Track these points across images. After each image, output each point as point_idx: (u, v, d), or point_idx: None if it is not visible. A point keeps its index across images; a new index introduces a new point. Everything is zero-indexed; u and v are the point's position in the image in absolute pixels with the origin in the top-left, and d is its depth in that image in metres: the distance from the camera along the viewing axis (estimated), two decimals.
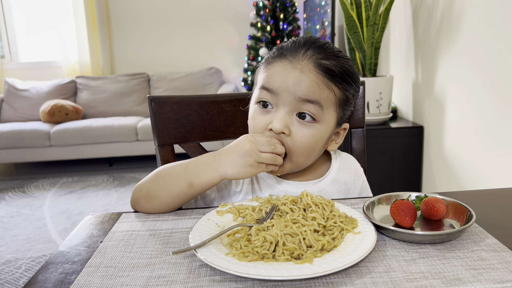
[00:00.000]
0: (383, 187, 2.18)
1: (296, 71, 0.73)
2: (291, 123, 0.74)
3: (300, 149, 0.75)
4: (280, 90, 0.73)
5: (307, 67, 0.73)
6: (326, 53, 0.75)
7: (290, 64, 0.74)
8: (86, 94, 4.18)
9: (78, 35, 4.28)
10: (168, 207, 0.74)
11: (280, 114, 0.73)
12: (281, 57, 0.76)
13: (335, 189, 0.85)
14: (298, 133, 0.74)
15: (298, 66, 0.73)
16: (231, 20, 4.35)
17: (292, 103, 0.73)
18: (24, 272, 2.04)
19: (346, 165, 0.89)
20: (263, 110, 0.76)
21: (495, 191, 0.82)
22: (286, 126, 0.73)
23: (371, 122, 2.20)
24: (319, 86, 0.73)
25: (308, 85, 0.72)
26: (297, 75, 0.73)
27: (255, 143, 0.69)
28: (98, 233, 0.68)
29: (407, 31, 2.36)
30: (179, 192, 0.72)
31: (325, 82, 0.73)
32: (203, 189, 0.72)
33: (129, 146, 3.72)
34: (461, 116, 1.81)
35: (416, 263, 0.54)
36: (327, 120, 0.76)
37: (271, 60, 0.77)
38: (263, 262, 0.53)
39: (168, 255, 0.58)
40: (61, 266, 0.57)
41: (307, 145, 0.75)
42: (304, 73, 0.73)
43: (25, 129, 3.66)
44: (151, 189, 0.74)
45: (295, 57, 0.74)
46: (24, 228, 2.59)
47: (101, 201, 3.03)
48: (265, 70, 0.77)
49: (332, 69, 0.74)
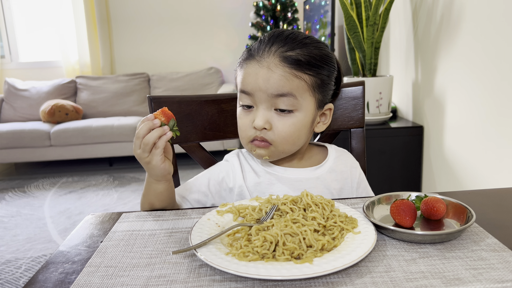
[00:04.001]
0: (383, 187, 2.18)
1: (263, 69, 0.76)
2: (271, 118, 0.78)
3: (283, 139, 0.79)
4: (254, 91, 0.77)
5: (273, 63, 0.76)
6: (291, 44, 0.77)
7: (258, 64, 0.77)
8: (86, 94, 4.18)
9: (78, 35, 4.27)
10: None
11: (259, 112, 0.78)
12: (250, 59, 0.79)
13: (332, 178, 0.87)
14: (279, 125, 0.78)
15: (265, 64, 0.76)
16: (231, 20, 4.35)
17: (267, 100, 0.77)
18: (24, 272, 2.04)
19: (342, 156, 0.92)
20: (246, 111, 0.81)
21: (495, 191, 0.82)
22: (267, 122, 0.77)
23: (371, 122, 2.20)
24: (287, 79, 0.76)
25: (276, 80, 0.75)
26: (265, 73, 0.76)
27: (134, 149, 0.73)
28: (98, 233, 0.68)
29: (407, 31, 2.36)
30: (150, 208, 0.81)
31: (292, 73, 0.76)
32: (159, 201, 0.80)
33: (129, 146, 3.71)
34: (461, 116, 1.81)
35: (416, 263, 0.54)
36: (305, 106, 0.79)
37: (243, 63, 0.80)
38: (263, 262, 0.53)
39: (168, 254, 0.58)
40: (61, 266, 0.57)
41: (289, 134, 0.79)
42: (271, 70, 0.76)
43: (25, 129, 3.66)
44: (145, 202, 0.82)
45: (261, 56, 0.77)
46: (24, 228, 2.59)
47: (101, 201, 3.03)
48: (239, 73, 0.81)
49: (298, 58, 0.76)
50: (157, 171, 0.74)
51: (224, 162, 0.91)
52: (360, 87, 1.01)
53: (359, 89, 1.01)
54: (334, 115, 1.02)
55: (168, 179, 0.78)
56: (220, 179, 0.87)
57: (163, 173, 0.75)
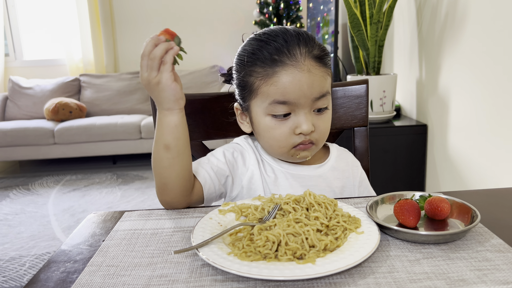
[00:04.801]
0: (386, 186, 2.17)
1: (304, 74, 0.73)
2: (313, 120, 0.77)
3: (324, 135, 0.81)
4: (297, 99, 0.74)
5: (310, 65, 0.74)
6: (309, 42, 0.76)
7: (296, 70, 0.73)
8: (90, 92, 4.19)
9: (82, 33, 4.28)
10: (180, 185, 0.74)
11: (302, 117, 0.75)
12: (282, 65, 0.73)
13: (335, 176, 0.87)
14: (320, 125, 0.78)
15: (304, 68, 0.73)
16: (234, 18, 4.34)
17: (309, 104, 0.76)
18: (28, 269, 2.05)
19: (343, 155, 0.92)
20: (280, 120, 0.77)
21: (500, 190, 0.81)
22: (313, 125, 0.77)
23: (374, 120, 2.18)
24: (325, 78, 0.76)
25: (318, 82, 0.75)
26: (307, 78, 0.73)
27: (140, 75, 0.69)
28: (100, 231, 0.68)
29: (411, 29, 2.34)
30: (167, 163, 0.72)
31: (325, 71, 0.77)
32: (175, 139, 0.72)
33: (133, 144, 3.72)
34: (465, 114, 1.80)
35: (420, 263, 0.53)
36: (330, 100, 0.81)
37: (269, 71, 0.73)
38: (265, 262, 0.53)
39: (170, 254, 0.58)
40: (63, 265, 0.57)
41: (327, 130, 0.81)
42: (312, 72, 0.74)
43: (29, 127, 3.67)
44: (158, 183, 0.75)
45: (295, 60, 0.73)
46: (28, 225, 2.60)
47: (104, 199, 3.03)
48: (268, 83, 0.74)
49: (321, 55, 0.76)
50: (169, 92, 0.68)
51: (235, 144, 0.89)
52: (363, 85, 1.00)
53: (362, 88, 1.00)
54: (337, 113, 1.01)
55: (181, 107, 0.72)
56: (234, 157, 0.85)
57: (175, 95, 0.69)
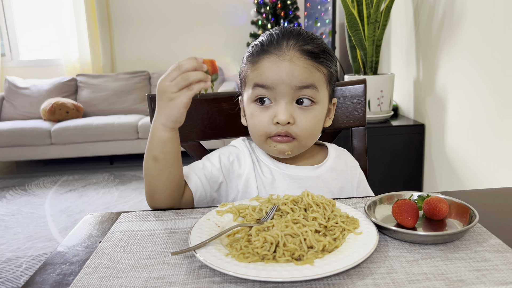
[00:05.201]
0: (384, 185, 2.17)
1: (285, 62, 0.76)
2: (294, 112, 0.77)
3: (307, 132, 0.79)
4: (275, 84, 0.76)
5: (294, 56, 0.76)
6: (304, 39, 0.78)
7: (278, 58, 0.76)
8: (87, 92, 4.17)
9: (79, 33, 4.26)
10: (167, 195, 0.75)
11: (281, 106, 0.77)
12: (266, 53, 0.77)
13: (333, 177, 0.87)
14: (302, 119, 0.77)
15: (286, 58, 0.76)
16: (231, 17, 4.34)
17: (289, 93, 0.76)
18: (24, 270, 2.04)
19: (342, 155, 0.92)
20: (262, 107, 0.79)
21: (498, 190, 0.81)
22: (291, 116, 0.76)
23: (372, 120, 2.18)
24: (310, 70, 0.77)
25: (300, 72, 0.76)
26: (288, 66, 0.75)
27: (163, 79, 0.69)
28: (97, 233, 0.68)
29: (409, 29, 2.34)
30: (155, 173, 0.73)
31: (313, 65, 0.77)
32: (164, 154, 0.72)
33: (130, 144, 3.71)
34: (463, 114, 1.80)
35: (419, 264, 0.53)
36: (323, 99, 0.80)
37: (256, 58, 0.79)
38: (263, 263, 0.52)
39: (167, 256, 0.58)
40: (59, 267, 0.57)
41: (312, 127, 0.79)
42: (294, 62, 0.76)
43: (25, 127, 3.66)
44: (146, 189, 0.76)
45: (280, 50, 0.77)
46: (25, 226, 2.59)
47: (101, 199, 3.02)
48: (253, 68, 0.79)
49: (315, 51, 0.78)
50: (175, 112, 0.68)
51: (232, 147, 0.89)
52: (361, 85, 1.00)
53: (360, 87, 1.00)
54: (335, 113, 1.01)
55: (175, 129, 0.72)
56: (230, 161, 0.85)
57: (177, 118, 0.69)
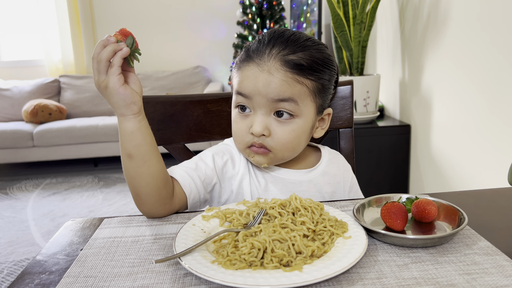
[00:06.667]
0: (370, 186, 2.17)
1: (264, 74, 0.73)
2: (270, 124, 0.75)
3: (283, 146, 0.76)
4: (252, 94, 0.74)
5: (274, 67, 0.73)
6: (292, 47, 0.74)
7: (258, 67, 0.73)
8: (70, 94, 4.10)
9: (61, 33, 4.19)
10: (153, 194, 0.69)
11: (258, 117, 0.75)
12: (249, 60, 0.75)
13: (325, 181, 0.85)
14: (278, 131, 0.75)
15: (265, 68, 0.73)
16: (217, 18, 4.31)
17: (266, 104, 0.74)
18: (6, 276, 1.98)
19: (335, 159, 0.90)
20: (242, 115, 0.77)
21: (485, 191, 0.81)
22: (266, 128, 0.74)
23: (358, 121, 2.19)
24: (289, 84, 0.72)
25: (277, 85, 0.72)
26: (265, 77, 0.72)
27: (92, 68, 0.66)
28: (78, 240, 0.65)
29: (394, 30, 2.36)
30: (133, 172, 0.69)
31: (294, 78, 0.73)
32: (135, 147, 0.68)
33: (115, 146, 3.66)
34: (448, 114, 1.82)
35: (409, 268, 0.52)
36: (306, 112, 0.76)
37: (240, 64, 0.77)
38: (251, 270, 0.51)
39: (151, 263, 0.56)
40: (37, 276, 0.54)
41: (288, 141, 0.76)
42: (272, 74, 0.72)
43: (7, 130, 3.58)
44: (131, 193, 0.72)
45: (261, 59, 0.74)
46: (6, 231, 2.53)
47: (86, 202, 2.97)
48: (237, 75, 0.77)
49: (300, 63, 0.73)
50: (117, 96, 0.64)
51: (225, 145, 0.86)
52: (348, 86, 0.99)
53: (347, 89, 0.99)
54: None
55: (135, 113, 0.67)
56: (224, 161, 0.82)
57: (124, 100, 0.65)
